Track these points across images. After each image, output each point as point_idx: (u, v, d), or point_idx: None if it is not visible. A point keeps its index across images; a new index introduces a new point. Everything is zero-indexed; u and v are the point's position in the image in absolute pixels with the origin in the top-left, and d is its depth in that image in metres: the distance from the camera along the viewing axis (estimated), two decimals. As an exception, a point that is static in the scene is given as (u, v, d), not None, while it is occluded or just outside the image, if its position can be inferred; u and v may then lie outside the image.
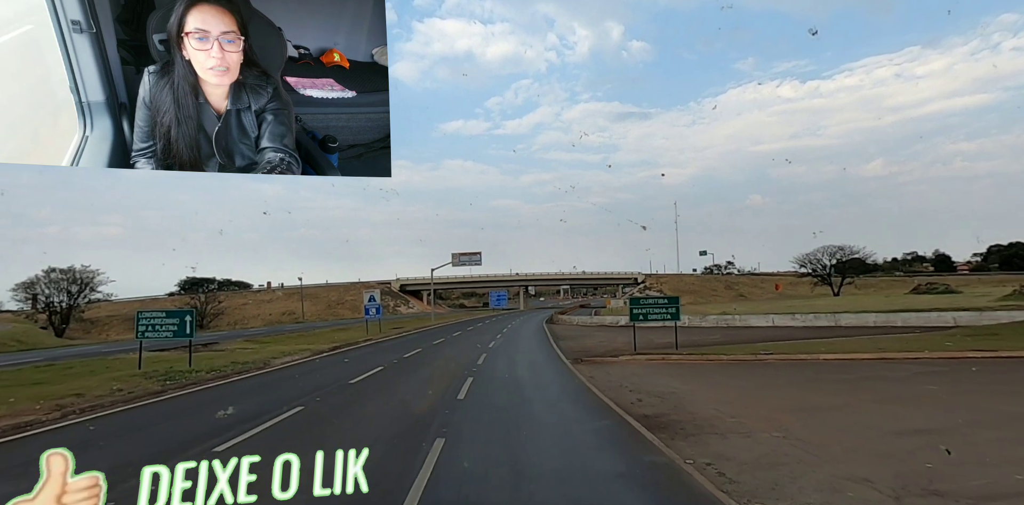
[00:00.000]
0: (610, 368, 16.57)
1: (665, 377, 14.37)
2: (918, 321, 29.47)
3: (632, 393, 12.03)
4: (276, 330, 49.30)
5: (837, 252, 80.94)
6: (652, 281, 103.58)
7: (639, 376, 14.63)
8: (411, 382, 14.41)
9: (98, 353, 28.20)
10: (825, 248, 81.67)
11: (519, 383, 14.06)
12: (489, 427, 9.03)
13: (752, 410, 9.79)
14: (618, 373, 15.36)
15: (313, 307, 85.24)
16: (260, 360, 19.50)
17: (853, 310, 37.10)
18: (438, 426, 8.68)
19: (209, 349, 26.71)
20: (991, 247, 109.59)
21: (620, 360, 18.14)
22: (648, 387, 12.73)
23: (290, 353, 22.38)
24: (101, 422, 9.95)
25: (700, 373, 15.08)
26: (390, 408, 10.70)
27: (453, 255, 54.38)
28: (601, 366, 17.14)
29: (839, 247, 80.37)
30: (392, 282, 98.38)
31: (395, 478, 5.88)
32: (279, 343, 29.28)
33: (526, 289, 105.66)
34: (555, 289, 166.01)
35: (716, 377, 14.39)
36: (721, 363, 16.64)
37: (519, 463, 6.78)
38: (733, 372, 15.19)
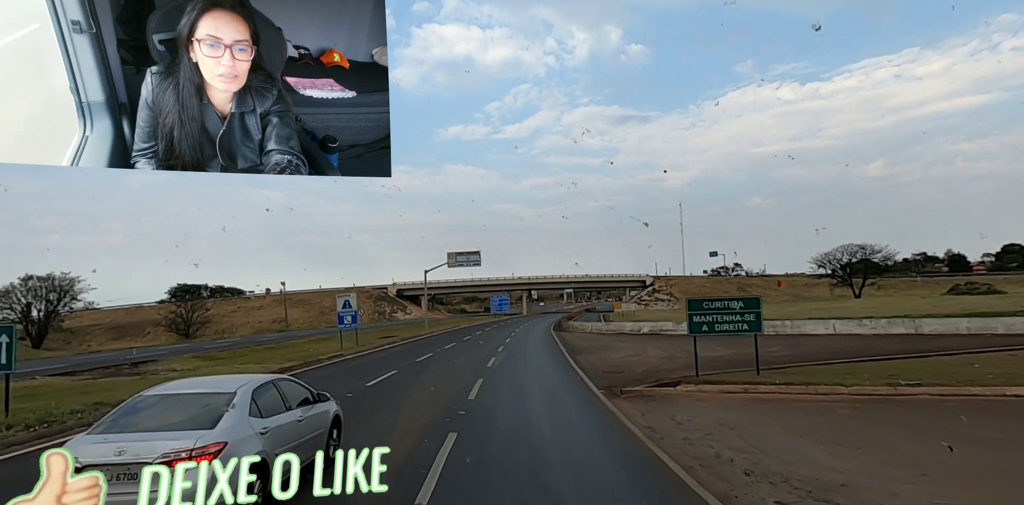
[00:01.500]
0: (672, 408, 10.38)
1: (783, 433, 8.21)
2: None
3: (758, 483, 5.87)
4: (251, 341, 43.06)
5: (858, 251, 74.46)
6: (661, 283, 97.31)
7: (734, 430, 8.48)
8: (353, 443, 8.13)
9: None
10: (845, 247, 75.29)
11: (533, 451, 7.81)
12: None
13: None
14: (692, 421, 9.21)
15: (305, 314, 79.09)
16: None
17: (901, 313, 30.92)
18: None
19: (132, 371, 20.53)
20: (1005, 246, 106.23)
21: (679, 392, 11.98)
22: (774, 464, 6.62)
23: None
24: None
25: (836, 424, 8.89)
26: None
27: (449, 255, 48.32)
28: (655, 403, 10.97)
29: (860, 246, 73.97)
30: (389, 287, 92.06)
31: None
32: (230, 360, 23.08)
33: (529, 293, 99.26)
34: (558, 293, 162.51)
35: (872, 434, 8.21)
36: (847, 401, 10.43)
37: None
38: (891, 420, 9.00)
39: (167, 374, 18.68)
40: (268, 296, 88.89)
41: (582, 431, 8.99)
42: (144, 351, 37.59)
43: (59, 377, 18.83)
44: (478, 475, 6.43)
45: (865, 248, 72.93)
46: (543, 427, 9.21)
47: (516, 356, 21.92)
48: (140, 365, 22.50)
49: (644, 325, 34.77)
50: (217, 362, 22.84)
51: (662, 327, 33.14)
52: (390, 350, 26.98)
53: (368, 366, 19.42)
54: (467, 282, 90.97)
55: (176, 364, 22.39)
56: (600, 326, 40.71)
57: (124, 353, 36.38)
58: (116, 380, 17.48)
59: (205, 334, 69.68)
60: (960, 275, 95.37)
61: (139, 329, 71.59)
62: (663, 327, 32.91)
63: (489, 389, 13.17)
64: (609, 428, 9.05)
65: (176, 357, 26.73)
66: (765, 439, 7.83)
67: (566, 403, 11.51)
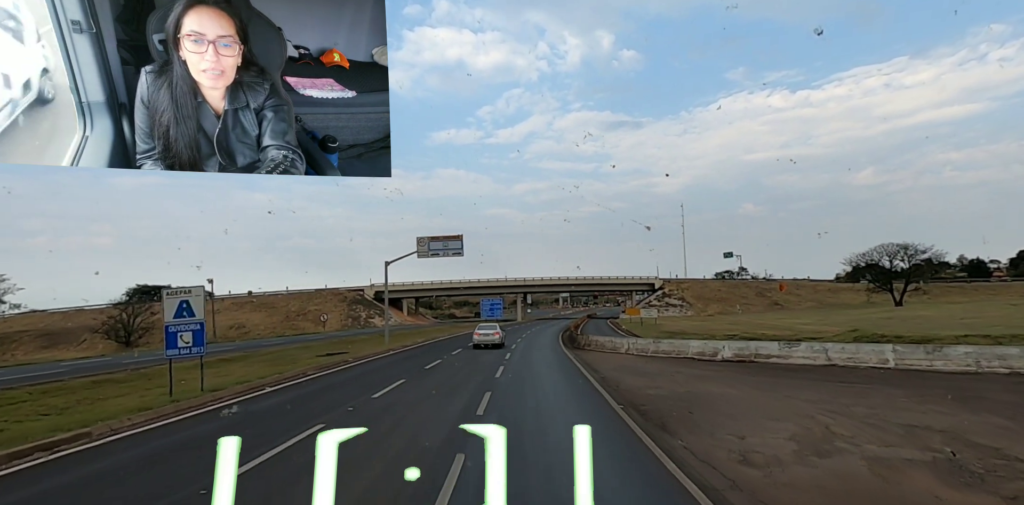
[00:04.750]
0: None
1: None
2: None
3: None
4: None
5: (898, 252, 70.86)
6: (671, 287, 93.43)
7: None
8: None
9: None
10: (883, 247, 71.75)
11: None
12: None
13: None
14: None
15: (268, 319, 74.25)
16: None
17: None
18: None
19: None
20: (1021, 252, 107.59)
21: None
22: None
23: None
24: None
25: None
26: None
27: (420, 240, 38.07)
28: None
29: (901, 245, 70.42)
30: (366, 288, 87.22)
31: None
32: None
33: (524, 297, 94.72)
34: (553, 297, 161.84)
35: None
36: None
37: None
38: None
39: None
40: (228, 298, 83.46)
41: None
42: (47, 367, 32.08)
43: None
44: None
45: (907, 248, 69.33)
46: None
47: (522, 441, 8.76)
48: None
49: (721, 346, 22.68)
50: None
51: (759, 350, 20.80)
52: (248, 409, 13.09)
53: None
54: (455, 284, 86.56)
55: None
56: (642, 344, 26.83)
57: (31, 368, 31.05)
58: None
59: (150, 342, 64.24)
60: (982, 280, 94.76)
61: (75, 336, 65.96)
62: (761, 350, 20.74)
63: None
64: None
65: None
66: None
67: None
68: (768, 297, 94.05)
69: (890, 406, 11.21)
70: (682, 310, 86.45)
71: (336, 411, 12.18)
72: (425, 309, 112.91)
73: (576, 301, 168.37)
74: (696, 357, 22.84)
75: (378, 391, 14.83)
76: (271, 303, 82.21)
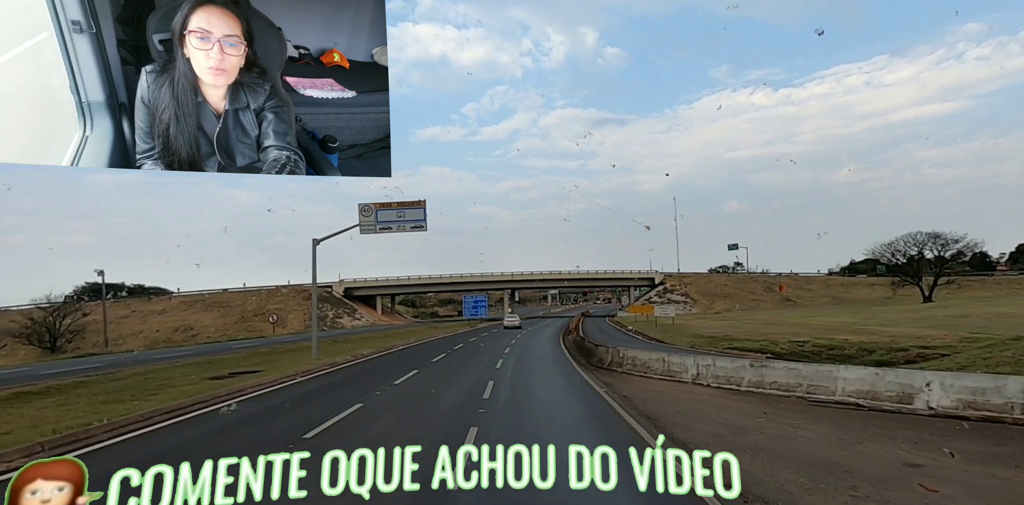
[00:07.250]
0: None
1: None
2: None
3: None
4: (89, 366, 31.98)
5: (928, 241, 67.33)
6: (673, 282, 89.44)
7: None
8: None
9: None
10: (912, 236, 68.24)
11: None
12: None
13: None
14: None
15: (220, 319, 68.98)
16: None
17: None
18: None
19: None
20: (1021, 245, 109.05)
21: None
22: None
23: None
24: None
25: None
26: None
27: (362, 208, 26.25)
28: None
29: (932, 235, 66.91)
30: (335, 285, 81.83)
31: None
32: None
33: (512, 294, 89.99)
34: (541, 294, 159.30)
35: None
36: None
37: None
38: None
39: None
40: (176, 297, 77.38)
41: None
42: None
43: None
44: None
45: (939, 237, 65.85)
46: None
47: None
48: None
49: (921, 382, 11.30)
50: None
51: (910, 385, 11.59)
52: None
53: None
54: (434, 279, 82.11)
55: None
56: (726, 370, 15.77)
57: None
58: None
59: (81, 347, 58.29)
60: (985, 274, 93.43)
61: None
62: (910, 386, 11.50)
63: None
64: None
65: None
66: None
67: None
68: (778, 292, 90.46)
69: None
70: (686, 307, 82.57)
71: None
72: (406, 308, 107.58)
73: (566, 298, 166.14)
74: (857, 401, 12.10)
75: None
76: (226, 301, 76.69)
